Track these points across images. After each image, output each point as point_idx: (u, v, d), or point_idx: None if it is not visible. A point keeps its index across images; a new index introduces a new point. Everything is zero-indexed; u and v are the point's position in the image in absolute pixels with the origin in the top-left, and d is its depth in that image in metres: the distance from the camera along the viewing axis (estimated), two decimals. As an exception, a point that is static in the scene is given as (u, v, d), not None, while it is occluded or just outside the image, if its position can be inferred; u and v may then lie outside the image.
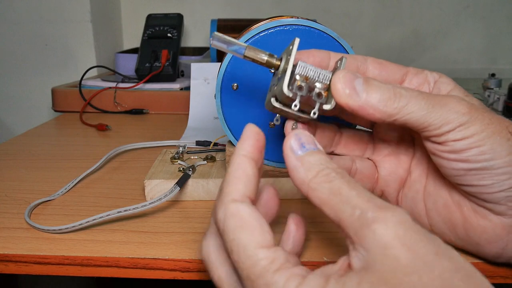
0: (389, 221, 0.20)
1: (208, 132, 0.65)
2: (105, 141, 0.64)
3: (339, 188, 0.22)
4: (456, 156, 0.27)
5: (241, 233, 0.22)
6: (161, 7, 1.15)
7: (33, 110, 1.07)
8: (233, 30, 0.89)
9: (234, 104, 0.40)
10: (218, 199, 0.25)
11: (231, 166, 0.25)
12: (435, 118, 0.26)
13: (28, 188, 0.46)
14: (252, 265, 0.22)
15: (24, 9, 1.00)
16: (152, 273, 0.33)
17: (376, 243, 0.20)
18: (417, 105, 0.26)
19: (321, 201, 0.23)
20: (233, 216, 0.23)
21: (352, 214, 0.21)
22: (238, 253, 0.22)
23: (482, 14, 1.16)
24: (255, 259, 0.22)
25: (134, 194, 0.44)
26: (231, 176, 0.25)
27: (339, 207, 0.22)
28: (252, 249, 0.22)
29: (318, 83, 0.27)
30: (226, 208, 0.23)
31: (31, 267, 0.34)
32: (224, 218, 0.23)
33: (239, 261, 0.22)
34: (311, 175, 0.23)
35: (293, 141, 0.25)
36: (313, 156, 0.24)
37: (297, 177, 0.24)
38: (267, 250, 0.22)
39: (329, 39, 0.38)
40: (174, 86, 0.82)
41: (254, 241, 0.22)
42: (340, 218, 0.22)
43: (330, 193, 0.22)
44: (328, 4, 1.17)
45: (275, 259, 0.22)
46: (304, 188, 0.24)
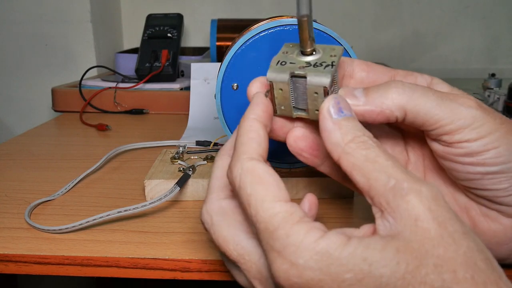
0: (424, 194, 0.21)
1: (208, 132, 0.65)
2: (105, 141, 0.65)
3: (376, 156, 0.22)
4: (472, 159, 0.25)
5: (258, 188, 0.23)
6: (161, 7, 1.15)
7: (33, 110, 1.06)
8: (233, 30, 0.89)
9: (234, 104, 0.40)
10: (233, 158, 0.25)
11: (242, 128, 0.25)
12: (446, 112, 0.25)
13: (28, 188, 0.46)
14: (270, 216, 0.22)
15: (24, 9, 1.00)
16: (152, 273, 0.33)
17: (408, 213, 0.21)
18: (425, 97, 0.25)
19: (353, 166, 0.23)
20: (250, 172, 0.23)
21: (386, 183, 0.21)
22: (255, 206, 0.22)
23: (482, 14, 1.16)
24: (273, 211, 0.22)
25: (134, 194, 0.44)
26: (245, 136, 0.25)
27: (372, 175, 0.22)
28: (269, 201, 0.22)
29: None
30: (243, 165, 0.24)
31: (31, 267, 0.34)
32: (241, 174, 0.23)
33: (257, 214, 0.22)
34: (347, 139, 0.23)
35: (332, 104, 0.25)
36: (350, 122, 0.24)
37: (332, 139, 0.24)
38: (284, 203, 0.22)
39: (329, 39, 0.38)
40: (174, 86, 0.82)
41: (271, 195, 0.23)
42: (371, 185, 0.22)
43: (365, 160, 0.22)
44: (328, 4, 1.17)
45: (293, 213, 0.22)
46: (337, 151, 0.24)
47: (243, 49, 0.38)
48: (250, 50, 0.38)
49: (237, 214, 0.26)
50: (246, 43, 0.38)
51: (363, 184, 0.22)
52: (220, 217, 0.26)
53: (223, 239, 0.25)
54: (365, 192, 0.23)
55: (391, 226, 0.21)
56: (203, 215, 0.27)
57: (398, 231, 0.21)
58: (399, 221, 0.21)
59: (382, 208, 0.22)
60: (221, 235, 0.25)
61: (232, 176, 0.24)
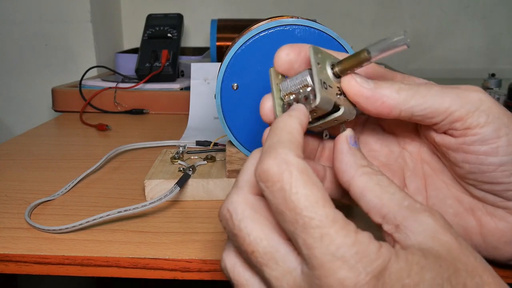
0: (436, 214, 0.23)
1: (208, 132, 0.65)
2: (105, 141, 0.65)
3: (388, 183, 0.24)
4: (486, 148, 0.26)
5: (311, 188, 0.21)
6: (161, 7, 1.15)
7: (33, 110, 1.06)
8: (233, 30, 0.89)
9: (234, 104, 0.40)
10: (269, 154, 0.22)
11: (288, 123, 0.24)
12: (453, 98, 0.26)
13: (28, 188, 0.46)
14: (332, 222, 0.21)
15: (24, 9, 1.00)
16: (152, 273, 0.33)
17: (426, 227, 0.22)
18: (430, 90, 0.26)
19: (366, 188, 0.24)
20: (297, 170, 0.22)
21: (401, 203, 0.23)
22: (310, 210, 0.21)
23: (482, 14, 1.16)
24: (334, 217, 0.21)
25: (134, 194, 0.44)
26: (289, 134, 0.23)
27: (386, 196, 0.23)
28: (329, 208, 0.21)
29: (302, 88, 0.26)
30: (294, 161, 0.22)
31: (31, 267, 0.34)
32: (284, 171, 0.21)
33: (312, 220, 0.20)
34: (362, 164, 0.25)
35: (350, 136, 0.26)
36: (362, 153, 0.26)
37: (347, 161, 0.25)
38: (334, 209, 0.21)
39: (329, 39, 0.38)
40: (174, 86, 0.82)
41: (323, 198, 0.21)
42: (384, 204, 0.23)
43: (377, 183, 0.24)
44: (328, 4, 1.17)
45: (349, 222, 0.21)
46: (350, 173, 0.24)
47: (243, 49, 0.38)
48: (250, 50, 0.38)
49: (269, 215, 0.24)
50: (246, 43, 0.38)
51: (375, 203, 0.23)
52: (253, 211, 0.23)
53: (255, 237, 0.22)
54: (376, 210, 0.23)
55: (411, 238, 0.22)
56: (229, 206, 0.23)
57: (419, 242, 0.22)
58: (418, 234, 0.22)
59: (398, 223, 0.22)
60: (253, 231, 0.22)
61: (281, 173, 0.21)
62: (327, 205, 0.21)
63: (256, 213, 0.23)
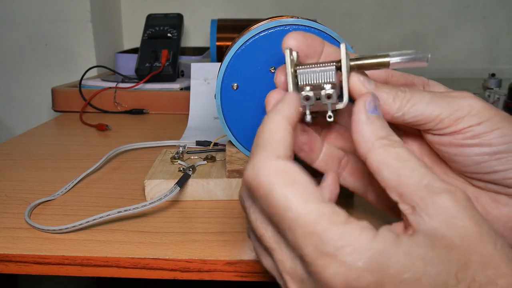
0: (457, 195, 0.21)
1: (208, 132, 0.65)
2: (105, 141, 0.64)
3: (408, 156, 0.23)
4: (479, 140, 0.26)
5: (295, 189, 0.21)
6: (161, 7, 1.15)
7: (33, 110, 1.06)
8: (233, 30, 0.89)
9: (234, 104, 0.40)
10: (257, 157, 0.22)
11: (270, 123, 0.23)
12: (442, 106, 0.26)
13: (28, 188, 0.46)
14: (318, 219, 0.20)
15: (24, 9, 1.00)
16: (152, 273, 0.33)
17: (444, 210, 0.21)
18: (422, 98, 0.26)
19: (383, 162, 0.23)
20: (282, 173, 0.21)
21: (420, 181, 0.22)
22: (296, 209, 0.20)
23: (482, 14, 1.16)
24: (318, 212, 0.20)
25: (134, 194, 0.44)
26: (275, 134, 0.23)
27: (404, 172, 0.22)
28: (314, 203, 0.21)
29: (325, 84, 0.26)
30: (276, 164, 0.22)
31: (31, 267, 0.34)
32: (270, 175, 0.21)
33: (298, 218, 0.20)
34: (380, 135, 0.24)
35: (369, 101, 0.25)
36: (382, 121, 0.24)
37: (364, 132, 0.24)
38: (325, 204, 0.21)
39: (329, 39, 0.38)
40: (174, 86, 0.82)
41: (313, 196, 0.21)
42: (401, 182, 0.22)
43: (395, 157, 0.23)
44: (328, 4, 1.16)
45: (339, 213, 0.21)
46: (367, 145, 0.23)
47: (243, 49, 0.38)
48: (250, 50, 0.38)
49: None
50: (246, 43, 0.38)
51: (391, 180, 0.22)
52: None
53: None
54: (392, 188, 0.22)
55: (426, 223, 0.21)
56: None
57: (433, 227, 0.21)
58: (435, 218, 0.21)
59: (414, 204, 0.22)
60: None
61: (260, 178, 0.22)
62: (310, 201, 0.21)
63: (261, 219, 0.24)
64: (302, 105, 0.26)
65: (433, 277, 0.19)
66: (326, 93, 0.25)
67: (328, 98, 0.25)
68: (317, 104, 0.26)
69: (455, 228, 0.21)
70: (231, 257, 0.33)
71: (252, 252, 0.34)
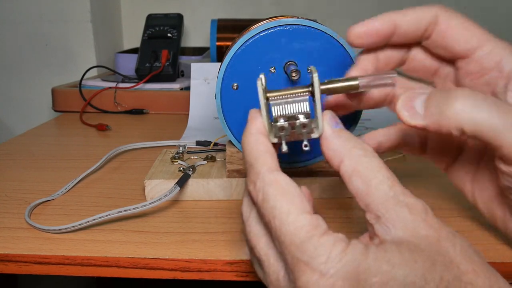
0: (418, 207, 0.23)
1: (208, 132, 0.65)
2: (105, 141, 0.65)
3: (378, 166, 0.23)
4: None
5: (283, 200, 0.23)
6: (161, 7, 1.15)
7: (33, 110, 1.06)
8: (233, 30, 0.89)
9: (234, 104, 0.40)
10: (250, 173, 0.25)
11: (249, 143, 0.26)
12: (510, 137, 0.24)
13: (28, 188, 0.46)
14: (296, 229, 0.22)
15: (24, 9, 1.00)
16: (152, 273, 0.33)
17: (406, 222, 0.22)
18: (490, 116, 0.24)
19: (354, 171, 0.24)
20: (273, 184, 0.23)
21: (387, 193, 0.23)
22: (280, 219, 0.22)
23: (480, 14, 1.16)
24: (299, 224, 0.22)
25: (134, 194, 0.44)
26: (257, 151, 0.25)
27: (373, 182, 0.23)
28: (295, 214, 0.22)
29: (299, 114, 0.26)
30: (264, 177, 0.24)
31: (31, 267, 0.34)
32: (263, 187, 0.24)
33: (281, 228, 0.22)
34: (350, 146, 0.24)
35: (330, 118, 0.26)
36: (348, 132, 0.25)
37: (333, 146, 0.25)
38: (309, 216, 0.22)
39: (329, 39, 0.38)
40: (174, 86, 0.82)
41: (296, 208, 0.23)
42: (370, 192, 0.23)
43: (366, 167, 0.23)
44: (328, 4, 1.16)
45: (318, 225, 0.22)
46: (340, 156, 0.24)
47: (243, 49, 0.38)
48: (250, 50, 0.38)
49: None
50: (246, 43, 0.38)
51: (361, 190, 0.23)
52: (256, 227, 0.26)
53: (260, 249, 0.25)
54: (361, 197, 0.23)
55: (391, 232, 0.22)
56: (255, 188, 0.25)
57: (399, 236, 0.22)
58: (399, 228, 0.22)
59: (379, 214, 0.23)
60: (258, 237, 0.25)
61: (253, 190, 0.24)
62: (294, 211, 0.22)
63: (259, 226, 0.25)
64: (277, 136, 0.26)
65: (401, 278, 0.21)
66: (301, 123, 0.26)
67: (304, 127, 0.26)
68: (292, 133, 0.26)
69: (418, 236, 0.22)
70: (231, 257, 0.33)
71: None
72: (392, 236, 0.22)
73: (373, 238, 0.23)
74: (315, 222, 0.22)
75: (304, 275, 0.21)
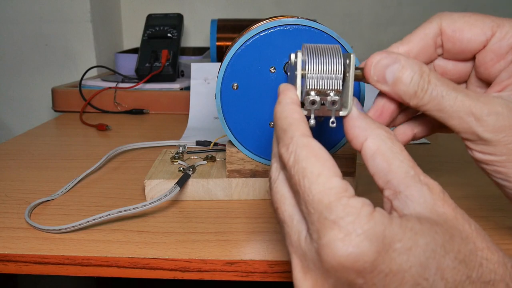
0: (437, 188, 0.24)
1: (208, 132, 0.65)
2: (105, 141, 0.65)
3: (400, 150, 0.25)
4: None
5: (315, 162, 0.23)
6: (161, 7, 1.15)
7: (33, 110, 1.06)
8: (233, 30, 0.89)
9: (234, 104, 0.40)
10: (283, 138, 0.25)
11: (284, 112, 0.26)
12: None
13: (28, 188, 0.46)
14: (326, 190, 0.22)
15: (24, 9, 1.00)
16: (152, 273, 0.33)
17: (425, 199, 0.23)
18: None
19: (378, 150, 0.25)
20: (306, 147, 0.24)
21: (407, 171, 0.24)
22: (310, 179, 0.23)
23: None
24: (329, 185, 0.22)
25: (134, 194, 0.44)
26: (292, 118, 0.25)
27: (395, 162, 0.24)
28: (326, 176, 0.23)
29: (330, 91, 0.27)
30: (298, 140, 0.24)
31: (31, 267, 0.34)
32: (296, 149, 0.24)
33: (311, 187, 0.23)
34: (375, 126, 0.26)
35: (356, 102, 0.27)
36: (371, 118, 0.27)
37: (360, 125, 0.26)
38: (340, 179, 0.23)
39: (329, 39, 0.38)
40: (174, 86, 0.82)
41: (327, 169, 0.23)
42: (391, 169, 0.24)
43: (389, 148, 0.25)
44: (328, 4, 1.16)
45: (348, 189, 0.23)
46: (364, 134, 0.25)
47: (243, 49, 0.38)
48: (250, 50, 0.38)
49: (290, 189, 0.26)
50: (246, 43, 0.38)
51: (382, 167, 0.24)
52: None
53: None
54: (381, 175, 0.24)
55: (410, 208, 0.23)
56: (287, 151, 0.25)
57: (417, 211, 0.23)
58: (417, 204, 0.23)
59: (400, 189, 0.23)
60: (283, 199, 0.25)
61: (285, 152, 0.24)
62: (325, 173, 0.23)
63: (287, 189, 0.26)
64: (307, 108, 0.27)
65: (423, 246, 0.21)
66: (332, 99, 0.27)
67: (333, 104, 0.27)
68: (322, 109, 0.27)
69: (436, 213, 0.23)
70: (231, 257, 0.33)
71: (252, 252, 0.34)
72: (411, 211, 0.23)
73: (391, 213, 0.24)
74: (345, 186, 0.23)
75: (330, 232, 0.21)
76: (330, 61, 0.27)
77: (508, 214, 0.39)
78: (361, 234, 0.21)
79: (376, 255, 0.21)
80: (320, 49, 0.27)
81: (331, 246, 0.21)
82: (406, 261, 0.21)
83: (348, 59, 0.27)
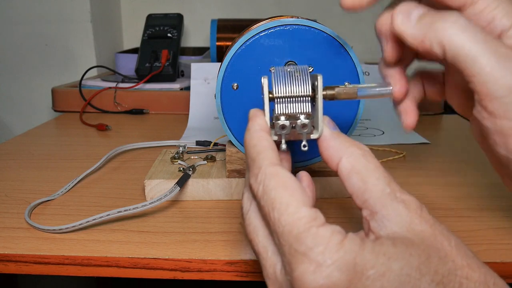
0: (412, 204, 0.23)
1: (208, 132, 0.65)
2: (105, 141, 0.65)
3: (375, 167, 0.24)
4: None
5: (283, 192, 0.23)
6: (161, 7, 1.15)
7: (33, 110, 1.06)
8: (233, 30, 0.89)
9: (234, 104, 0.40)
10: (252, 167, 0.25)
11: (252, 139, 0.26)
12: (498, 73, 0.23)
13: (28, 188, 0.46)
14: (296, 220, 0.22)
15: (24, 9, 1.00)
16: (152, 273, 0.33)
17: (402, 218, 0.23)
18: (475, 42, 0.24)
19: (353, 169, 0.24)
20: (274, 177, 0.24)
21: (383, 189, 0.23)
22: (279, 211, 0.23)
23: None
24: (298, 216, 0.22)
25: (134, 194, 0.44)
26: (260, 146, 0.25)
27: (371, 180, 0.24)
28: (294, 207, 0.23)
29: (300, 114, 0.27)
30: (266, 169, 0.24)
31: (31, 267, 0.34)
32: (264, 179, 0.24)
33: (281, 218, 0.22)
34: (349, 144, 0.25)
35: (328, 121, 0.27)
36: (344, 135, 0.26)
37: (333, 145, 0.26)
38: (308, 208, 0.23)
39: (329, 39, 0.38)
40: (174, 86, 0.82)
41: (295, 200, 0.23)
42: (367, 188, 0.24)
43: (364, 166, 0.24)
44: (328, 4, 1.16)
45: (317, 218, 0.23)
46: (338, 155, 0.25)
47: (243, 49, 0.38)
48: (250, 50, 0.38)
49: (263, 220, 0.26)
50: (246, 43, 0.38)
51: (358, 187, 0.24)
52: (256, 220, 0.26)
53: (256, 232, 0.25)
54: (358, 194, 0.24)
55: (387, 228, 0.23)
56: (256, 181, 0.25)
57: (394, 231, 0.22)
58: (394, 223, 0.23)
59: (376, 210, 0.23)
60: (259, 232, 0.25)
61: (254, 183, 0.24)
62: (293, 204, 0.23)
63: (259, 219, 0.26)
64: (277, 133, 0.27)
65: (397, 271, 0.21)
66: (302, 123, 0.27)
67: (303, 127, 0.27)
68: (292, 133, 0.27)
69: (413, 232, 0.22)
70: (231, 257, 0.33)
71: (252, 252, 0.34)
72: (388, 232, 0.22)
73: (369, 234, 0.23)
74: (314, 215, 0.23)
75: (301, 266, 0.21)
76: (297, 83, 0.27)
77: (508, 214, 0.39)
78: (331, 265, 0.21)
79: (348, 284, 0.21)
80: (288, 72, 0.27)
81: (303, 280, 0.21)
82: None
83: (315, 81, 0.27)
